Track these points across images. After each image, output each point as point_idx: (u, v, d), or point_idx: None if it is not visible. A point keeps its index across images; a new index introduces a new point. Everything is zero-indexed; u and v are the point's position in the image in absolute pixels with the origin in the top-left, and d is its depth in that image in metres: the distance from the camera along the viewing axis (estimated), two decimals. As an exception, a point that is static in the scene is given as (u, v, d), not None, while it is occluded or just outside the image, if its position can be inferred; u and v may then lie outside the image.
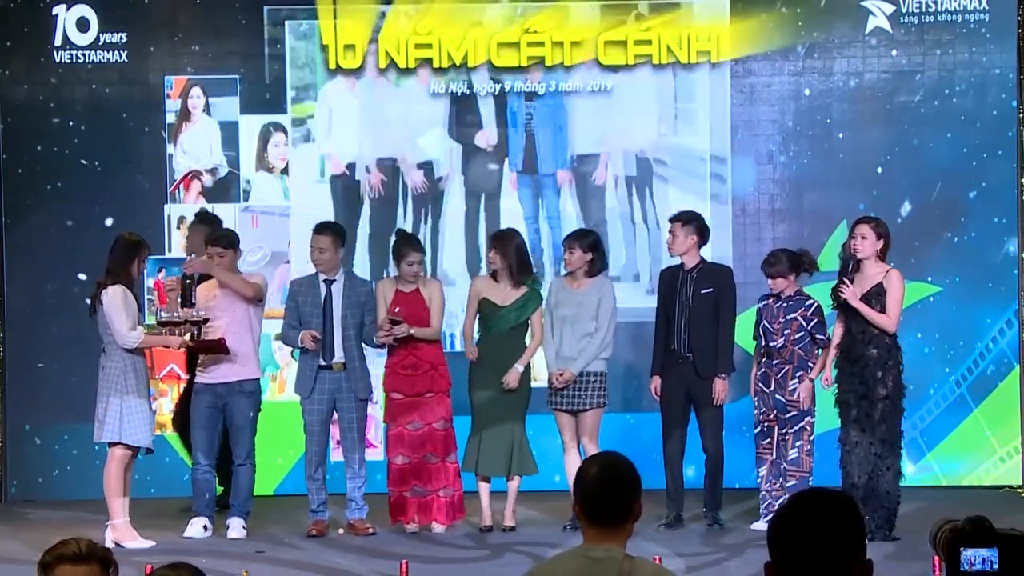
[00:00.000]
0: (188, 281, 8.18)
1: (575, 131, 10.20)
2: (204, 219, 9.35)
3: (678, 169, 10.11)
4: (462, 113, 10.11)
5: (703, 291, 8.30)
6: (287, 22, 10.05)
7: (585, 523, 3.49)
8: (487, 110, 10.04)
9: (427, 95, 9.99)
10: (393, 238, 8.84)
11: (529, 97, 10.07)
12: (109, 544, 7.53)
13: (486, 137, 9.97)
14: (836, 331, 8.21)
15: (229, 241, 8.55)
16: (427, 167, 10.15)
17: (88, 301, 8.25)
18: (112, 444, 7.97)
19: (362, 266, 9.75)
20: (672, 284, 8.39)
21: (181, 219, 10.19)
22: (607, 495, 3.45)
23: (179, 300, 8.25)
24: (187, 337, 8.18)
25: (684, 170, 10.11)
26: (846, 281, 7.85)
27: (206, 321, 8.13)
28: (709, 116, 10.08)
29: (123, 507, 7.96)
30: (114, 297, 7.80)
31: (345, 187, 10.18)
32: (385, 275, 9.50)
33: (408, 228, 9.70)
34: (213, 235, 8.61)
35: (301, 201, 10.07)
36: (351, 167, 10.15)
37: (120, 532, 7.81)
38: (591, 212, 10.17)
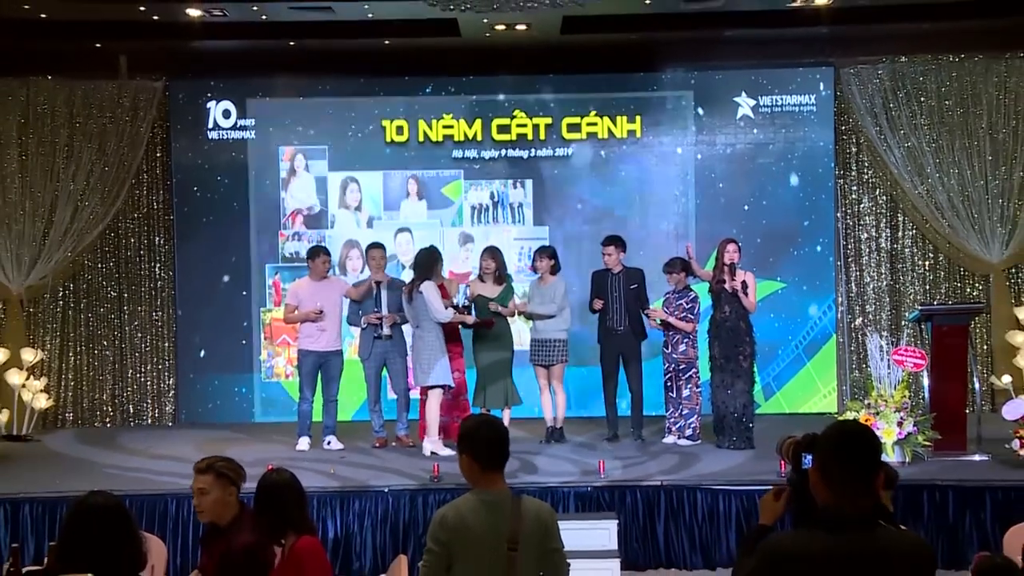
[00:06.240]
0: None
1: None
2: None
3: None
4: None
5: (631, 287, 9.27)
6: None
7: (478, 471, 3.43)
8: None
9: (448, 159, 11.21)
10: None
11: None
12: (428, 451, 8.61)
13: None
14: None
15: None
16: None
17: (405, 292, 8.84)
18: (431, 387, 8.66)
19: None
20: (604, 283, 9.31)
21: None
22: (498, 443, 3.47)
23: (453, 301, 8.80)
24: (469, 318, 8.92)
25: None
26: (735, 278, 8.82)
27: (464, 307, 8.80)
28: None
29: (435, 430, 8.63)
30: (429, 290, 8.55)
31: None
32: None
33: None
34: (319, 248, 9.42)
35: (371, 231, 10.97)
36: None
37: (434, 443, 8.70)
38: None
